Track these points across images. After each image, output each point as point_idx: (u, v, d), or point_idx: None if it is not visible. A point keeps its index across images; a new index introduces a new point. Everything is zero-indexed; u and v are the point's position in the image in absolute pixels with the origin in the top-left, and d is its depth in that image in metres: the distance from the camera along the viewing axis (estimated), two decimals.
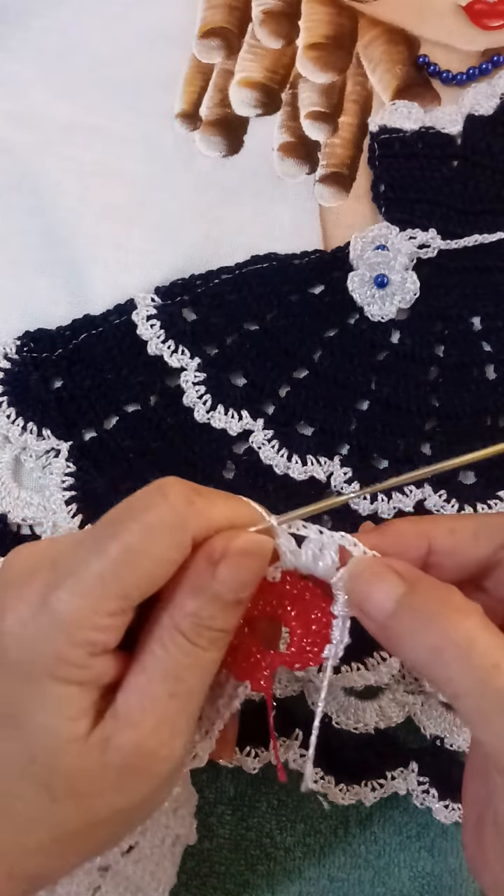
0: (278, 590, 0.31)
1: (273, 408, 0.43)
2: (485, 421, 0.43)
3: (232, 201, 0.46)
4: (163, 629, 0.28)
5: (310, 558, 0.30)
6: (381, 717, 0.42)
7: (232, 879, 0.41)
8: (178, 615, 0.28)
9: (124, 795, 0.28)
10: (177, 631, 0.28)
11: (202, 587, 0.28)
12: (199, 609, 0.28)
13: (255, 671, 0.31)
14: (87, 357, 0.43)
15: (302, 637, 0.31)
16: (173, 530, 0.27)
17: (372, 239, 0.44)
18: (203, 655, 0.28)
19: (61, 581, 0.27)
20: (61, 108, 0.46)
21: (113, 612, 0.27)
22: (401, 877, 0.41)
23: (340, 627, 0.30)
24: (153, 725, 0.28)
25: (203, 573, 0.28)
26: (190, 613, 0.28)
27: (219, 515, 0.28)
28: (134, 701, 0.28)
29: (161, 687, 0.28)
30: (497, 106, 0.46)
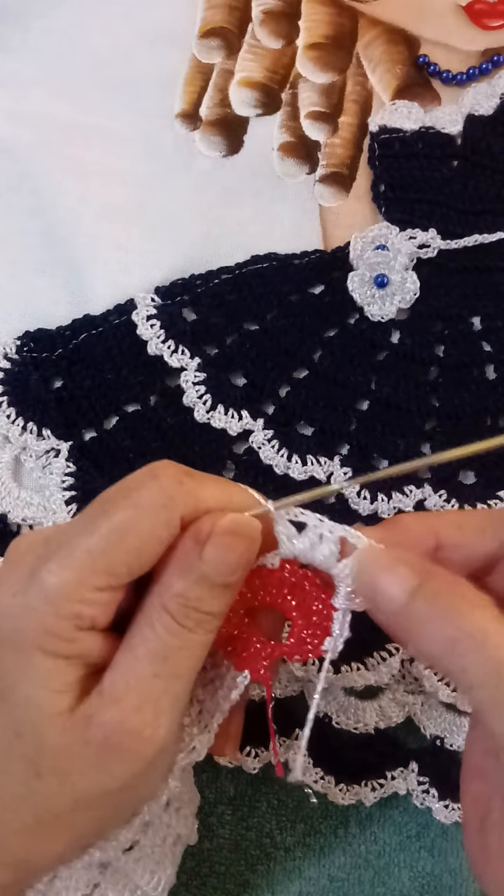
0: (277, 578, 0.31)
1: (273, 408, 0.43)
2: (485, 421, 0.43)
3: (232, 201, 0.46)
4: (151, 609, 0.28)
5: (307, 546, 0.30)
6: (381, 717, 0.42)
7: (232, 879, 0.41)
8: (166, 595, 0.28)
9: (107, 775, 0.28)
10: (164, 611, 0.28)
11: (189, 567, 0.28)
12: (186, 590, 0.28)
13: (255, 661, 0.31)
14: (87, 357, 0.43)
15: (302, 628, 0.31)
16: (161, 509, 0.28)
17: (372, 239, 0.44)
18: (190, 637, 0.28)
19: (51, 555, 0.28)
20: (61, 108, 0.46)
21: (101, 587, 0.28)
22: (401, 877, 0.41)
23: (341, 620, 0.30)
24: (136, 704, 0.28)
25: (190, 553, 0.28)
26: (177, 594, 0.28)
27: (209, 497, 0.29)
28: (119, 679, 0.28)
29: (146, 666, 0.28)
30: (497, 106, 0.46)
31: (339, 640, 0.31)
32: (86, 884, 0.31)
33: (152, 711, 0.28)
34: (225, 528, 0.28)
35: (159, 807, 0.31)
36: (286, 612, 0.31)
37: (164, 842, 0.32)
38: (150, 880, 0.31)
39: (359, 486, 0.42)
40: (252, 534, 0.29)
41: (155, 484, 0.28)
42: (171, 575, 0.28)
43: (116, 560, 0.28)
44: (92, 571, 0.27)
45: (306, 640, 0.31)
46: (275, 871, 0.41)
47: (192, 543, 0.28)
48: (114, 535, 0.27)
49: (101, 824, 0.30)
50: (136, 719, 0.28)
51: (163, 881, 0.32)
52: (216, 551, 0.28)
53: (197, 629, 0.28)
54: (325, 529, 0.30)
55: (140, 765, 0.28)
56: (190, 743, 0.31)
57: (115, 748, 0.28)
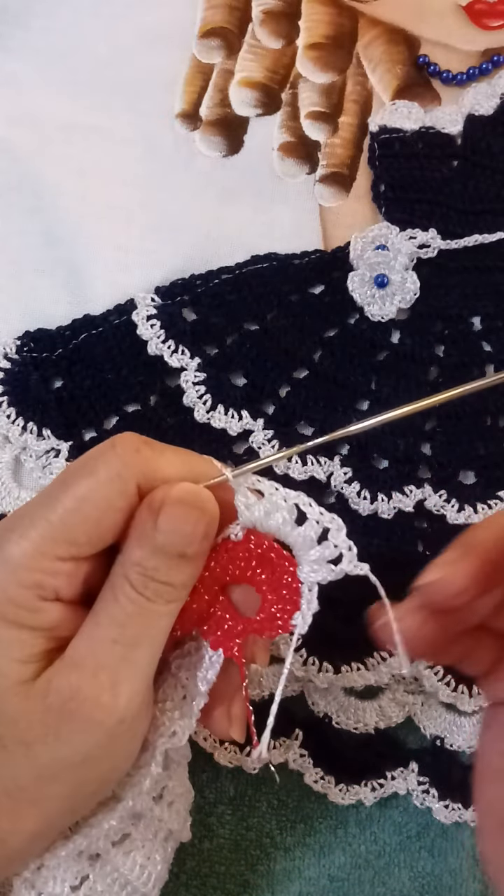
0: (244, 551, 0.31)
1: (273, 408, 0.43)
2: (485, 421, 0.43)
3: (232, 201, 0.46)
4: (114, 577, 0.29)
5: (262, 513, 0.30)
6: (381, 717, 0.42)
7: (232, 879, 0.41)
8: (126, 564, 0.29)
9: (67, 744, 0.28)
10: (125, 580, 0.28)
11: (145, 537, 0.28)
12: (143, 559, 0.28)
13: (228, 640, 0.31)
14: (87, 357, 0.43)
15: (272, 604, 0.31)
16: (116, 477, 0.28)
17: (372, 239, 0.44)
18: (149, 606, 0.29)
19: (15, 526, 0.28)
20: (61, 108, 0.46)
21: (62, 556, 0.28)
22: (401, 877, 0.41)
23: (307, 594, 0.30)
24: (93, 669, 0.28)
25: (146, 523, 0.28)
26: (135, 563, 0.28)
27: (168, 466, 0.29)
28: (79, 646, 0.28)
29: (105, 632, 0.28)
30: (497, 106, 0.46)
31: (308, 615, 0.30)
32: (74, 875, 0.30)
33: (110, 678, 0.28)
34: (176, 497, 0.28)
35: (148, 798, 0.31)
36: (257, 588, 0.31)
37: (155, 836, 0.32)
38: (140, 875, 0.31)
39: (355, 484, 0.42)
40: (204, 504, 0.29)
41: (112, 453, 0.29)
42: (130, 544, 0.29)
43: (75, 529, 0.28)
44: (52, 541, 0.28)
45: (276, 615, 0.31)
46: (275, 871, 0.41)
47: (148, 513, 0.28)
48: (72, 505, 0.28)
49: (69, 801, 0.29)
50: (94, 685, 0.28)
51: (153, 876, 0.32)
52: (169, 521, 0.28)
53: (157, 599, 0.29)
54: (279, 497, 0.30)
55: (99, 734, 0.28)
56: (171, 727, 0.31)
57: (73, 715, 0.28)
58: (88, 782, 0.30)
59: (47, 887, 0.30)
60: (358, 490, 0.42)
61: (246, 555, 0.31)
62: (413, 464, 0.42)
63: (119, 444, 0.29)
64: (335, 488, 0.42)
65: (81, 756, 0.28)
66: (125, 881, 0.31)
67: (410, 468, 0.42)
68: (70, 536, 0.28)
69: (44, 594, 0.28)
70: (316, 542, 0.30)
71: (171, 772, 0.32)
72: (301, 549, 0.30)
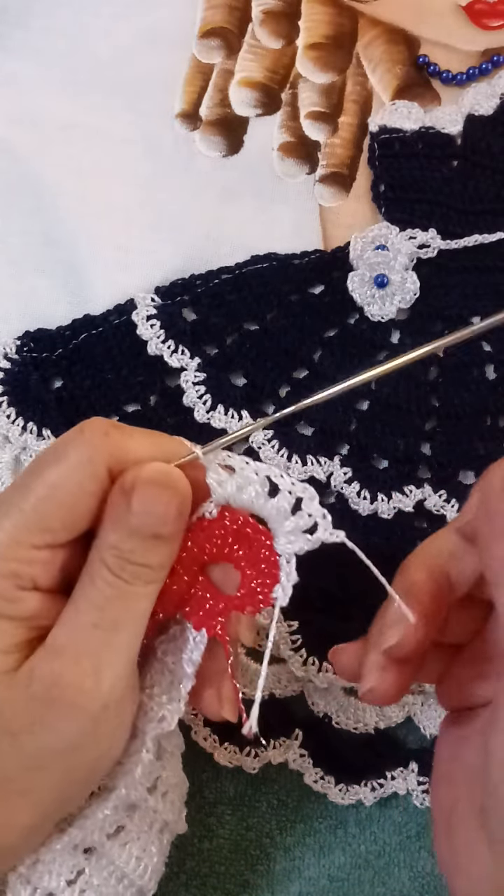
0: (220, 528, 0.31)
1: (273, 408, 0.43)
2: (485, 421, 0.43)
3: (232, 201, 0.46)
4: (91, 562, 0.29)
5: (234, 489, 0.30)
6: (381, 717, 0.42)
7: (232, 879, 0.41)
8: (103, 547, 0.28)
9: (52, 733, 0.28)
10: (102, 563, 0.28)
11: (119, 520, 0.28)
12: (119, 542, 0.28)
13: (210, 619, 0.31)
14: (87, 357, 0.43)
15: (252, 579, 0.30)
16: (87, 462, 0.28)
17: (372, 239, 0.44)
18: (127, 589, 0.28)
19: None
20: (61, 108, 0.46)
21: (37, 545, 0.28)
22: (401, 877, 0.41)
23: (286, 566, 0.30)
24: (74, 655, 0.28)
25: (119, 506, 0.28)
26: (111, 546, 0.28)
27: (137, 447, 0.29)
28: (60, 633, 0.28)
29: (84, 617, 0.28)
30: (497, 106, 0.46)
31: (288, 587, 0.30)
32: (70, 869, 0.30)
33: (92, 663, 0.28)
34: (147, 478, 0.28)
35: (142, 788, 0.31)
36: (236, 564, 0.31)
37: (150, 827, 0.32)
38: (136, 867, 0.31)
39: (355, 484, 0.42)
40: (175, 483, 0.29)
41: (80, 438, 0.29)
42: (105, 528, 0.29)
43: (49, 516, 0.28)
44: (26, 529, 0.28)
45: (256, 590, 0.30)
46: (275, 871, 0.41)
47: (120, 495, 0.28)
48: (44, 492, 0.28)
49: (60, 791, 0.29)
50: (75, 671, 0.28)
51: (149, 868, 0.31)
52: (141, 503, 0.28)
53: (135, 581, 0.29)
54: (250, 471, 0.30)
55: (84, 720, 0.28)
56: (159, 712, 0.31)
57: (56, 702, 0.28)
58: (77, 770, 0.29)
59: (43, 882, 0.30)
60: (358, 490, 0.42)
61: (222, 532, 0.31)
62: (413, 464, 0.42)
63: (87, 428, 0.29)
64: (335, 488, 0.42)
65: (68, 744, 0.28)
66: (121, 874, 0.31)
67: (410, 468, 0.42)
68: (44, 524, 0.28)
69: (21, 584, 0.28)
70: (290, 512, 0.30)
71: (164, 762, 0.32)
72: (275, 521, 0.30)
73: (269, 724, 0.41)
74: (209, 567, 0.32)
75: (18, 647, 0.28)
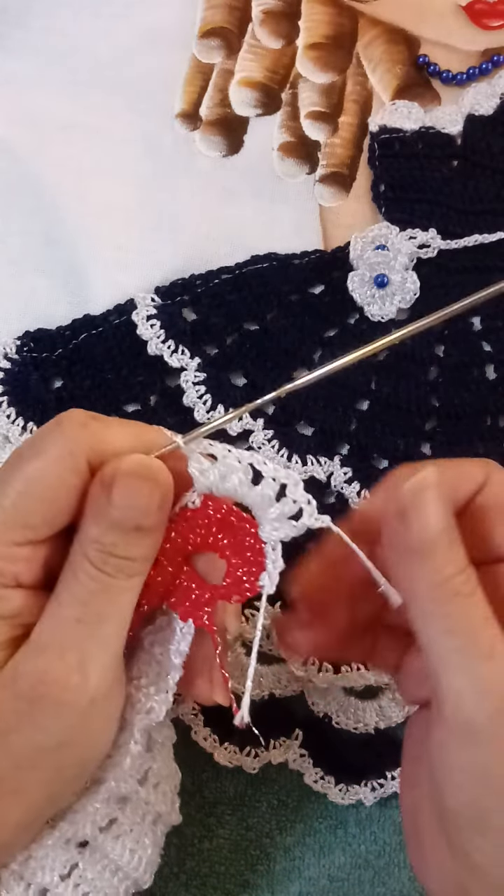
0: (203, 517, 0.30)
1: (273, 408, 0.43)
2: (485, 421, 0.43)
3: (232, 201, 0.46)
4: (73, 556, 0.28)
5: (217, 478, 0.29)
6: (381, 717, 0.42)
7: (232, 879, 0.41)
8: (84, 541, 0.28)
9: (40, 731, 0.28)
10: (84, 557, 0.28)
11: (100, 513, 0.28)
12: (101, 535, 0.28)
13: (197, 609, 0.31)
14: (87, 357, 0.43)
15: (237, 567, 0.30)
16: (66, 455, 0.28)
17: (372, 239, 0.44)
18: (110, 582, 0.28)
19: None
20: (61, 108, 0.46)
21: (19, 541, 0.28)
22: (401, 877, 0.41)
23: (272, 553, 0.30)
24: (59, 651, 0.27)
25: (100, 498, 0.28)
26: (93, 539, 0.28)
27: (116, 438, 0.29)
28: (44, 629, 0.28)
29: (68, 611, 0.28)
30: (497, 106, 0.46)
31: (274, 574, 0.30)
32: (63, 864, 0.30)
33: (77, 658, 0.28)
34: (127, 470, 0.28)
35: (133, 780, 0.31)
36: (220, 553, 0.31)
37: (143, 819, 0.31)
38: (130, 860, 0.31)
39: (355, 484, 0.42)
40: (156, 474, 0.28)
41: (58, 431, 0.28)
42: (86, 521, 0.28)
43: (29, 512, 0.28)
44: (6, 526, 0.27)
45: (242, 578, 0.30)
46: (275, 871, 0.41)
47: (100, 488, 0.28)
48: (23, 488, 0.27)
49: (50, 787, 0.29)
50: (61, 666, 0.27)
51: (143, 860, 0.31)
52: (122, 495, 0.28)
53: (118, 574, 0.28)
54: (233, 459, 0.29)
55: (72, 716, 0.28)
56: (147, 703, 0.31)
57: (43, 699, 0.27)
58: (67, 766, 0.29)
59: (36, 877, 0.30)
60: (358, 490, 0.42)
61: (205, 521, 0.30)
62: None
63: (65, 420, 0.28)
64: (335, 488, 0.42)
65: (57, 741, 0.28)
66: (116, 867, 0.31)
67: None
68: (24, 520, 0.28)
69: (3, 581, 0.28)
70: (274, 499, 0.29)
71: (154, 753, 0.32)
72: (260, 508, 0.29)
73: (269, 724, 0.41)
74: (194, 557, 0.31)
75: (2, 646, 0.28)
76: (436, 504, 0.27)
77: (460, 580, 0.27)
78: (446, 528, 0.28)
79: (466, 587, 0.27)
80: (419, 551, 0.27)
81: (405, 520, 0.27)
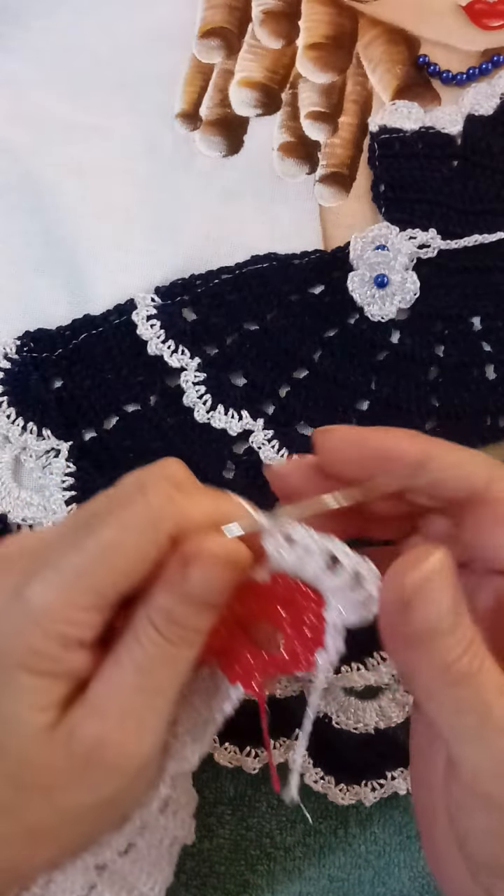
0: (268, 591, 0.30)
1: (273, 408, 0.43)
2: (485, 421, 0.43)
3: (232, 201, 0.46)
4: (138, 622, 0.28)
5: (296, 560, 0.29)
6: (381, 717, 0.42)
7: (232, 879, 0.41)
8: (152, 609, 0.28)
9: (90, 791, 0.28)
10: (150, 624, 0.28)
11: (175, 585, 0.28)
12: (172, 606, 0.28)
13: (248, 675, 0.31)
14: (87, 357, 0.43)
15: (294, 641, 0.30)
16: (149, 527, 0.27)
17: (372, 239, 0.44)
18: (173, 652, 0.28)
19: (37, 572, 0.27)
20: (61, 108, 0.46)
21: (87, 606, 0.27)
22: (401, 877, 0.41)
23: (334, 636, 0.30)
24: (118, 717, 0.27)
25: (177, 571, 0.28)
26: (162, 609, 0.28)
27: (199, 512, 0.28)
28: (102, 690, 0.28)
29: (130, 678, 0.28)
30: (497, 106, 0.46)
31: (333, 656, 0.30)
32: (82, 886, 0.30)
33: (135, 725, 0.27)
34: (212, 553, 0.27)
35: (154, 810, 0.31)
36: (278, 624, 0.31)
37: (160, 843, 0.32)
38: (146, 881, 0.31)
39: None
40: (239, 559, 0.28)
41: (143, 500, 0.27)
42: (158, 589, 0.28)
43: (103, 579, 0.27)
44: (79, 591, 0.27)
45: (299, 653, 0.30)
46: (275, 871, 0.41)
47: (179, 562, 0.28)
48: (100, 553, 0.27)
49: (87, 837, 0.29)
50: (118, 733, 0.27)
51: (160, 882, 0.32)
52: (202, 574, 0.27)
53: (181, 644, 0.28)
54: (312, 542, 0.29)
55: (123, 780, 0.28)
56: (182, 751, 0.31)
57: (97, 763, 0.27)
58: (108, 820, 0.29)
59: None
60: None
61: (269, 595, 0.30)
62: None
63: (151, 490, 0.27)
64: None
65: (103, 800, 0.28)
66: (132, 888, 0.31)
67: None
68: (97, 586, 0.27)
69: (68, 643, 0.27)
70: (349, 589, 0.29)
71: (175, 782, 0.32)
72: (333, 594, 0.29)
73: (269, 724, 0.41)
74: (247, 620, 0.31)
75: (56, 704, 0.27)
76: (441, 593, 0.26)
77: (466, 660, 0.26)
78: (451, 610, 0.26)
79: (474, 664, 0.26)
80: (422, 641, 0.27)
81: (408, 611, 0.27)
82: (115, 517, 0.27)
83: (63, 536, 0.28)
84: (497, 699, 0.26)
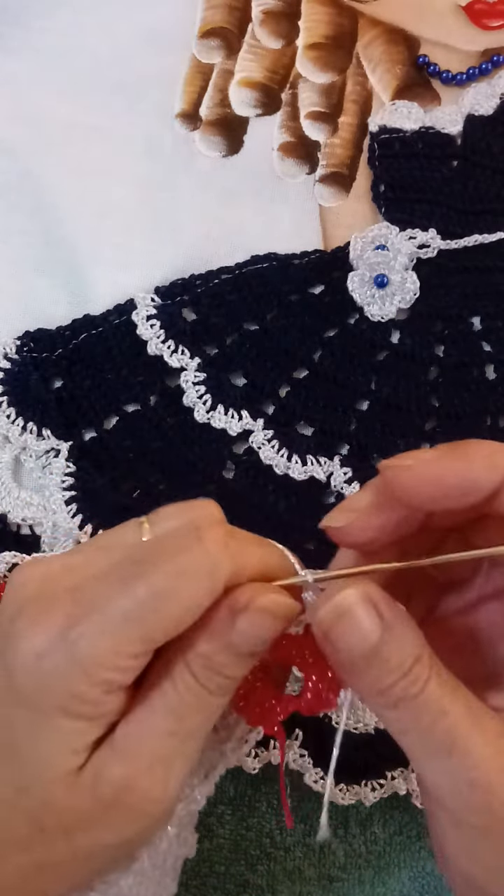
0: (299, 641, 0.30)
1: (273, 408, 0.43)
2: (485, 421, 0.43)
3: (232, 201, 0.46)
4: (174, 667, 0.27)
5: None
6: None
7: (232, 879, 0.41)
8: (191, 655, 0.27)
9: (112, 832, 0.27)
10: (187, 670, 0.27)
11: (219, 633, 0.27)
12: (213, 654, 0.27)
13: (270, 716, 0.31)
14: (87, 357, 0.43)
15: (318, 682, 0.30)
16: (206, 577, 0.26)
17: (372, 239, 0.44)
18: (209, 699, 0.28)
19: (84, 617, 0.26)
20: (61, 108, 0.46)
21: (136, 654, 0.26)
22: (401, 877, 0.41)
23: None
24: (148, 762, 0.27)
25: (223, 620, 0.27)
26: (203, 655, 0.27)
27: (250, 563, 0.28)
28: (133, 734, 0.27)
29: (162, 723, 0.27)
30: (497, 106, 0.46)
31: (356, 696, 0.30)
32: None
33: (163, 771, 0.27)
34: (263, 606, 0.27)
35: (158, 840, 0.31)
36: (305, 669, 0.30)
37: (164, 863, 0.32)
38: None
39: (355, 485, 0.42)
40: (289, 614, 0.27)
41: (200, 549, 0.26)
42: (199, 636, 0.27)
43: (154, 626, 0.26)
44: (128, 639, 0.26)
45: (322, 694, 0.30)
46: (275, 871, 0.41)
47: (227, 611, 0.27)
48: (153, 601, 0.26)
49: (99, 872, 0.29)
50: (146, 778, 0.27)
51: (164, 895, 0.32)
52: (249, 625, 0.27)
53: (217, 692, 0.28)
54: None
55: (146, 823, 0.28)
56: (192, 793, 0.31)
57: (122, 807, 0.27)
58: (123, 857, 0.29)
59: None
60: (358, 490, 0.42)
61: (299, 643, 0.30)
62: None
63: (208, 537, 0.27)
64: (335, 488, 0.42)
65: (123, 841, 0.28)
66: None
67: None
68: (147, 633, 0.26)
69: (110, 689, 0.27)
70: None
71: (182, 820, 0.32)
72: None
73: None
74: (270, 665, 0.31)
75: (90, 746, 0.27)
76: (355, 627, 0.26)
77: (402, 684, 0.26)
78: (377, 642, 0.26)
79: (414, 688, 0.26)
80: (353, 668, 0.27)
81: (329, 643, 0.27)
82: (170, 564, 0.26)
83: (109, 579, 0.27)
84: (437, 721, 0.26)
